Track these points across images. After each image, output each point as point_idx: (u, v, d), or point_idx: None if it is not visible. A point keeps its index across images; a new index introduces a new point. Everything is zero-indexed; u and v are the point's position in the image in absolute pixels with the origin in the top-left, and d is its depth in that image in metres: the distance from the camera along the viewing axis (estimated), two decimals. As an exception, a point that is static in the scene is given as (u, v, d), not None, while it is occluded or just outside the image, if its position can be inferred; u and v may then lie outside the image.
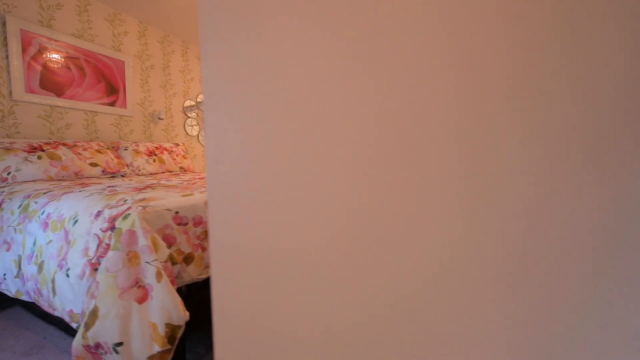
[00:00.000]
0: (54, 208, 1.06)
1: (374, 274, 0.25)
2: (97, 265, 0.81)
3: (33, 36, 1.95)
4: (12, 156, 1.58)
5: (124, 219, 0.79)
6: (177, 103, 3.03)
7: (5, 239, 1.17)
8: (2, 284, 1.15)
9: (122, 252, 0.73)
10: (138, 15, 2.54)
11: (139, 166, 2.19)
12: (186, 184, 1.33)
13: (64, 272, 0.90)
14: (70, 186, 1.34)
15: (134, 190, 1.13)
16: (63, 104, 2.10)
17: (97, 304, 0.68)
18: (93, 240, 0.86)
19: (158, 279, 0.71)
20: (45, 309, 0.99)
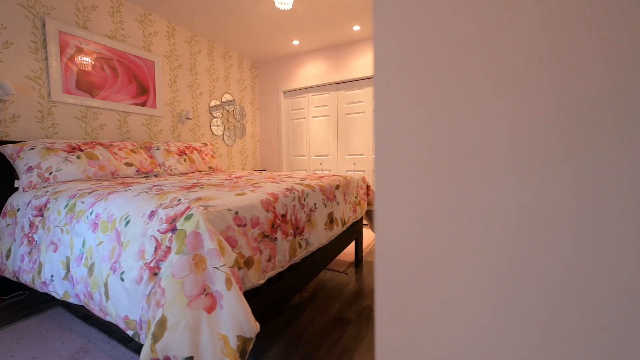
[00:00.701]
0: (103, 208, 1.02)
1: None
2: (156, 269, 0.76)
3: (70, 37, 1.96)
4: (52, 156, 1.58)
5: (186, 219, 0.73)
6: (203, 103, 3.02)
7: (52, 240, 1.15)
8: (49, 285, 1.12)
9: (188, 256, 0.67)
10: (167, 15, 2.53)
11: (170, 166, 2.17)
12: (230, 183, 1.27)
13: (118, 275, 0.85)
14: (112, 185, 1.31)
15: (182, 189, 1.08)
16: (97, 105, 2.11)
17: (164, 313, 0.62)
18: (149, 242, 0.81)
19: (228, 286, 0.64)
20: (96, 313, 0.95)
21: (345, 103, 3.21)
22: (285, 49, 3.27)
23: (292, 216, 1.07)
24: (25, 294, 1.65)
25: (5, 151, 1.55)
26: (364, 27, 2.76)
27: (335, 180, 1.56)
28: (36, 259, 1.21)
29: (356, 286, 1.75)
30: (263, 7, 2.40)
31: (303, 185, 1.26)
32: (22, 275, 1.25)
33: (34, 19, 1.82)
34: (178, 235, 0.72)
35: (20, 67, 1.76)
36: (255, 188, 1.10)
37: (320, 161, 3.43)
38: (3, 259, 1.38)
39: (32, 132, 1.81)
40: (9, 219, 1.44)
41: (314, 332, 1.29)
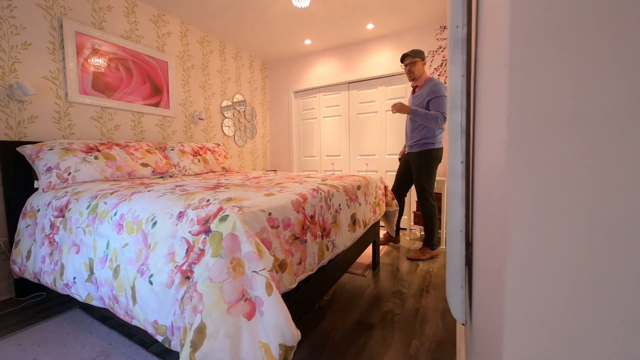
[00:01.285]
0: (127, 209, 1.00)
1: None
2: (188, 272, 0.73)
3: (86, 38, 1.96)
4: (71, 156, 1.57)
5: (220, 221, 0.70)
6: (215, 103, 3.01)
7: (74, 241, 1.13)
8: (71, 287, 1.11)
9: (225, 260, 0.63)
10: (180, 15, 2.53)
11: (185, 166, 2.15)
12: (252, 184, 1.24)
13: (146, 278, 0.82)
14: (133, 186, 1.29)
15: (206, 189, 1.06)
16: (112, 105, 2.11)
17: (203, 319, 0.59)
18: (180, 244, 0.78)
19: (268, 291, 0.61)
20: (121, 317, 0.93)
21: (358, 103, 3.17)
22: (297, 48, 3.25)
23: (320, 217, 1.04)
24: (43, 295, 1.64)
25: (24, 152, 1.54)
26: (378, 26, 2.72)
27: (357, 181, 1.52)
28: (57, 260, 1.19)
29: (375, 289, 1.71)
30: (277, 6, 2.38)
31: (327, 185, 1.22)
32: (43, 276, 1.24)
33: (52, 20, 1.82)
34: (213, 238, 0.69)
35: (38, 68, 1.76)
36: (281, 188, 1.06)
37: (331, 161, 3.40)
38: (23, 260, 1.37)
39: (49, 133, 1.81)
40: (29, 219, 1.43)
41: (338, 337, 1.25)
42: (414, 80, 2.04)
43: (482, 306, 0.45)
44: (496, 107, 0.27)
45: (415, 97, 2.05)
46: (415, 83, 2.05)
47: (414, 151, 2.07)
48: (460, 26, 0.57)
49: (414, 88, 2.09)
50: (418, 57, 1.98)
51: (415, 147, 2.05)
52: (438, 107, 1.90)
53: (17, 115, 1.68)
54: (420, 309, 1.49)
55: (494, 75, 0.30)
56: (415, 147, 2.05)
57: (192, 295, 0.64)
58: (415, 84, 2.05)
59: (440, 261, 2.14)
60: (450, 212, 0.64)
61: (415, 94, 2.05)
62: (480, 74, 0.53)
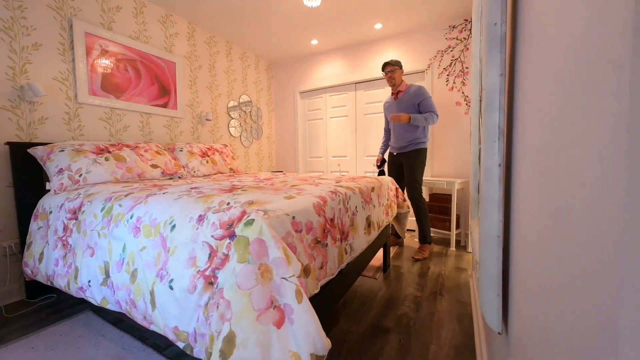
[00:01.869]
0: (144, 211, 0.98)
1: None
2: (212, 278, 0.71)
3: (96, 39, 1.95)
4: (82, 158, 1.56)
5: (246, 225, 0.68)
6: (221, 104, 3.00)
7: (88, 244, 1.12)
8: (86, 291, 1.09)
9: (253, 266, 0.62)
10: (188, 15, 2.52)
11: (193, 167, 2.14)
12: (266, 185, 1.22)
13: (166, 283, 0.81)
14: (147, 188, 1.27)
15: (222, 191, 1.04)
16: (121, 106, 2.10)
17: (232, 328, 0.57)
18: (202, 248, 0.76)
19: (298, 298, 0.59)
20: (139, 322, 0.91)
21: (364, 103, 3.15)
22: (303, 48, 3.23)
23: (339, 220, 1.02)
24: (54, 297, 1.63)
25: (35, 153, 1.53)
26: (387, 25, 2.70)
27: (370, 182, 1.50)
28: (71, 263, 1.18)
29: (388, 292, 1.69)
30: (285, 5, 2.36)
31: (344, 187, 1.20)
32: (56, 279, 1.23)
33: (62, 20, 1.81)
34: (238, 242, 0.67)
35: (49, 69, 1.76)
36: (299, 191, 1.04)
37: (338, 162, 3.38)
38: (36, 262, 1.36)
39: (59, 134, 1.80)
40: (41, 221, 1.42)
41: (354, 341, 1.23)
42: (395, 86, 2.24)
43: (531, 318, 0.43)
44: (584, 109, 0.25)
45: (400, 102, 2.23)
46: (396, 89, 2.25)
47: (407, 151, 2.22)
48: (499, 23, 0.55)
49: (396, 93, 2.27)
50: (397, 66, 2.21)
51: (409, 146, 2.21)
52: (429, 107, 2.12)
53: (27, 117, 1.67)
54: (435, 313, 1.46)
55: (572, 76, 0.28)
56: (409, 147, 2.21)
57: (219, 302, 0.62)
58: (397, 89, 2.25)
59: (451, 263, 2.12)
60: (485, 217, 0.62)
61: (400, 98, 2.24)
62: (525, 73, 0.51)
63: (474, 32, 1.36)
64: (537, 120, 0.42)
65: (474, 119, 1.38)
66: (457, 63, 2.60)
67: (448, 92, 2.66)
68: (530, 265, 0.45)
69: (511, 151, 0.62)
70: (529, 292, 0.45)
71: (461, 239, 2.56)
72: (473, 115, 1.38)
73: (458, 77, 2.60)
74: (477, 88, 1.36)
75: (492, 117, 0.58)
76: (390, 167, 2.40)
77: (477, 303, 1.37)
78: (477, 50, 1.35)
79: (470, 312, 1.47)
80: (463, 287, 1.75)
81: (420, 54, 2.77)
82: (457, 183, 2.38)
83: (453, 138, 2.67)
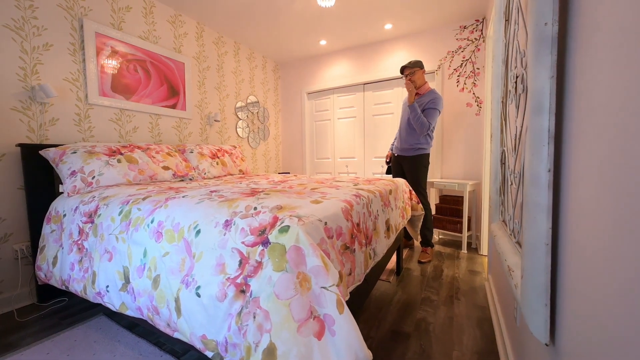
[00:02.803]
0: (165, 216, 0.96)
1: None
2: (243, 286, 0.69)
3: (106, 39, 1.94)
4: (95, 160, 1.54)
5: (281, 232, 0.66)
6: (229, 105, 2.98)
7: (106, 248, 1.10)
8: (104, 296, 1.07)
9: (292, 275, 0.59)
10: (196, 16, 2.50)
11: (204, 169, 2.12)
12: (284, 188, 1.20)
13: (192, 290, 0.79)
14: (163, 191, 1.25)
15: (244, 195, 1.02)
16: (131, 107, 2.08)
17: (272, 339, 0.55)
18: (231, 255, 0.74)
19: (340, 309, 0.57)
20: (161, 329, 0.89)
21: (373, 104, 3.13)
22: (311, 49, 3.21)
23: (364, 225, 0.99)
24: (65, 301, 1.61)
25: (47, 155, 1.51)
26: (397, 25, 2.68)
27: (388, 185, 1.48)
28: (87, 267, 1.16)
29: (403, 296, 1.67)
30: (297, 5, 2.34)
31: (365, 190, 1.18)
32: (72, 284, 1.21)
33: (73, 20, 1.79)
34: (273, 250, 0.65)
35: (59, 69, 1.74)
36: (322, 194, 1.02)
37: (345, 163, 3.36)
38: (49, 266, 1.34)
39: (69, 135, 1.78)
40: (54, 224, 1.40)
41: (374, 347, 1.21)
42: (416, 89, 2.12)
43: (589, 331, 0.41)
44: None
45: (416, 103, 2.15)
46: (417, 91, 2.13)
47: (408, 155, 2.18)
48: (550, 23, 0.53)
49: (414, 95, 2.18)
50: (417, 67, 2.09)
51: (410, 150, 2.17)
52: (428, 115, 2.03)
53: (38, 118, 1.65)
54: (454, 318, 1.44)
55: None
56: (410, 151, 2.17)
57: (255, 312, 0.60)
58: (418, 91, 2.13)
59: (464, 266, 2.10)
60: (530, 224, 0.59)
61: (416, 100, 2.13)
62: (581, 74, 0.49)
63: (495, 33, 1.34)
64: (601, 123, 0.40)
65: (495, 121, 1.36)
66: (468, 64, 2.58)
67: (458, 93, 2.64)
68: (589, 275, 0.42)
69: (560, 156, 0.60)
70: (587, 304, 0.43)
71: (472, 241, 2.54)
72: (494, 117, 1.36)
73: (469, 78, 2.58)
74: (499, 90, 1.34)
75: (541, 121, 0.56)
76: (393, 167, 2.38)
77: (497, 308, 1.35)
78: (499, 51, 1.33)
79: (489, 317, 1.45)
80: (479, 291, 1.73)
81: (431, 55, 2.75)
82: (469, 185, 2.35)
83: (463, 139, 2.65)
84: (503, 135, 1.30)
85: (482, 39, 2.50)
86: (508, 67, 1.21)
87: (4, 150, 1.52)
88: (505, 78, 1.26)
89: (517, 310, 0.95)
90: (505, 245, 1.01)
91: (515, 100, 0.96)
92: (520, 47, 0.91)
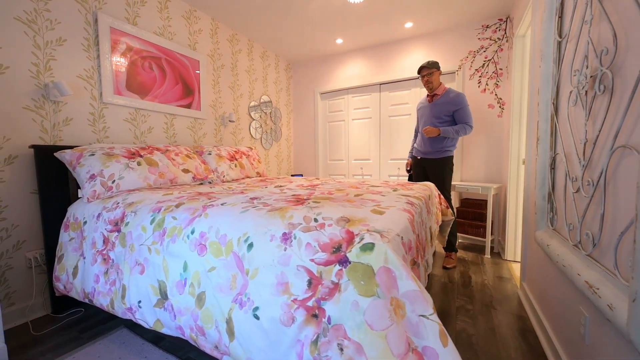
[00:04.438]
0: (207, 226, 0.88)
1: None
2: (315, 309, 0.61)
3: (121, 34, 1.84)
4: (114, 162, 1.45)
5: (364, 250, 0.58)
6: (243, 105, 2.89)
7: (137, 260, 1.01)
8: (135, 312, 0.99)
9: (385, 301, 0.52)
10: (211, 12, 2.41)
11: (223, 172, 2.03)
12: (323, 194, 1.12)
13: (249, 311, 0.71)
14: (193, 197, 1.17)
15: (290, 202, 0.94)
16: (146, 107, 1.98)
17: (370, 378, 0.48)
18: (296, 274, 0.66)
19: (443, 341, 0.50)
20: (207, 351, 0.81)
21: (389, 105, 3.06)
22: (327, 48, 3.13)
23: (422, 235, 0.92)
24: (82, 311, 1.51)
25: (63, 157, 1.42)
26: (418, 24, 2.61)
27: (425, 190, 1.41)
28: (115, 279, 1.07)
29: (437, 304, 1.60)
30: (318, 2, 2.26)
31: (413, 197, 1.11)
32: (97, 297, 1.12)
33: (87, 14, 1.70)
34: (354, 271, 0.57)
35: (73, 66, 1.64)
36: (375, 202, 0.95)
37: (360, 165, 3.28)
38: (69, 277, 1.25)
39: (84, 136, 1.69)
40: (73, 232, 1.31)
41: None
42: (432, 90, 2.11)
43: None
44: None
45: (435, 105, 2.11)
46: (433, 92, 2.12)
47: (435, 157, 2.13)
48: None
49: (432, 96, 2.14)
50: (434, 68, 2.07)
51: (435, 153, 2.12)
52: (464, 118, 2.02)
53: (52, 118, 1.56)
54: (495, 329, 1.38)
55: None
56: (435, 154, 2.12)
57: (342, 344, 0.53)
58: (434, 92, 2.12)
59: (491, 272, 2.04)
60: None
61: (435, 101, 2.12)
62: None
63: (544, 31, 1.27)
64: None
65: (543, 124, 1.29)
66: (491, 64, 2.52)
67: (480, 94, 2.58)
68: None
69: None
70: None
71: (494, 246, 2.48)
72: (542, 120, 1.29)
73: (491, 79, 2.52)
74: (548, 91, 1.28)
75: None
76: (414, 171, 2.29)
77: (542, 320, 1.29)
78: (549, 51, 1.27)
79: (531, 327, 1.39)
80: (512, 299, 1.67)
81: (451, 55, 2.68)
82: (493, 188, 2.30)
83: (484, 142, 2.59)
84: (552, 139, 1.24)
85: (505, 38, 2.44)
86: (561, 67, 1.15)
87: (16, 152, 1.42)
88: (557, 78, 1.19)
89: (585, 326, 0.89)
90: (570, 258, 0.94)
91: (584, 102, 0.90)
92: (594, 44, 0.84)
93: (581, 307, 0.91)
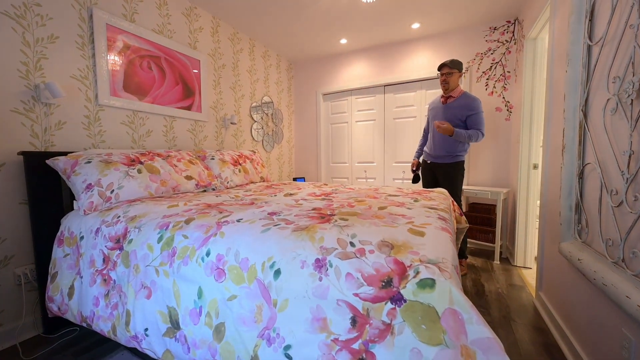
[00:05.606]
0: (224, 248, 0.79)
1: None
2: (363, 353, 0.53)
3: (117, 32, 1.72)
4: (112, 170, 1.34)
5: (422, 287, 0.51)
6: (244, 106, 2.79)
7: (142, 282, 0.92)
8: (141, 341, 0.89)
9: (454, 351, 0.45)
10: (212, 8, 2.30)
11: (227, 177, 1.93)
12: (343, 206, 1.04)
13: (279, 350, 0.63)
14: (202, 210, 1.07)
15: (313, 219, 0.85)
16: (145, 109, 1.87)
17: None
18: (336, 309, 0.58)
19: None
20: (227, 389, 0.72)
21: (394, 107, 3.00)
22: (330, 48, 3.05)
23: (457, 255, 0.85)
24: (76, 331, 1.40)
25: (57, 165, 1.30)
26: (425, 24, 2.55)
27: (445, 199, 1.35)
28: (117, 303, 0.97)
29: (453, 317, 1.54)
30: (324, 0, 2.17)
31: (439, 210, 1.04)
32: (96, 322, 1.02)
33: (81, 10, 1.58)
34: (412, 311, 0.50)
35: (66, 65, 1.52)
36: (406, 218, 0.87)
37: (364, 168, 3.22)
38: (64, 298, 1.14)
39: (78, 141, 1.57)
40: (67, 247, 1.20)
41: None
42: (447, 90, 2.03)
43: None
44: None
45: (448, 108, 2.04)
46: (448, 93, 2.04)
47: (445, 162, 2.06)
48: None
49: (446, 97, 2.06)
50: (456, 69, 1.99)
51: (446, 157, 2.06)
52: (477, 123, 1.95)
53: (43, 121, 1.43)
54: (517, 343, 1.33)
55: None
56: (446, 158, 2.06)
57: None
58: (449, 94, 2.04)
59: (503, 279, 2.00)
60: None
61: (449, 104, 2.04)
62: None
63: (572, 34, 1.22)
64: None
65: (570, 132, 1.24)
66: (498, 66, 2.48)
67: (487, 97, 2.54)
68: None
69: None
70: None
71: (502, 251, 2.45)
72: (568, 127, 1.24)
73: (499, 82, 2.48)
74: (576, 97, 1.22)
75: None
76: (423, 175, 2.22)
77: (567, 334, 1.24)
78: (577, 55, 1.21)
79: (554, 342, 1.34)
80: (529, 309, 1.63)
81: (458, 57, 2.63)
82: (503, 193, 2.26)
83: (491, 145, 2.56)
84: (581, 147, 1.19)
85: (513, 40, 2.41)
86: (593, 72, 1.09)
87: (3, 159, 1.30)
88: (587, 84, 1.14)
89: (629, 350, 0.84)
90: (612, 277, 0.89)
91: (629, 111, 0.84)
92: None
93: (624, 329, 0.86)
